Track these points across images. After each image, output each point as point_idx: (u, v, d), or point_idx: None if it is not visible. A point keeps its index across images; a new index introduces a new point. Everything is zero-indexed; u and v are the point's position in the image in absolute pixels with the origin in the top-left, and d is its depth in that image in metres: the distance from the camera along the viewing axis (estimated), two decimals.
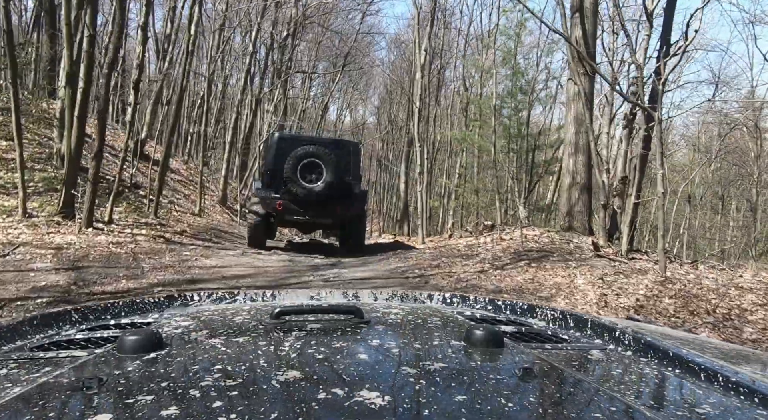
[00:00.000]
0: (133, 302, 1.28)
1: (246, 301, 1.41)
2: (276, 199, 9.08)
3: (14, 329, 0.99)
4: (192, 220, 12.07)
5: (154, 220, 10.27)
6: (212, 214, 16.94)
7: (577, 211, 10.65)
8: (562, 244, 9.67)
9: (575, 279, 7.55)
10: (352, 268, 8.51)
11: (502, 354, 0.85)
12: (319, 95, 39.20)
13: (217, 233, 11.03)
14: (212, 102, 29.08)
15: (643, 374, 0.85)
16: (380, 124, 47.20)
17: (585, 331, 1.11)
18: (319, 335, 0.93)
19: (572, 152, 10.71)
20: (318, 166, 8.91)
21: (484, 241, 10.62)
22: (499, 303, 1.41)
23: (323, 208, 9.19)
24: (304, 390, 0.66)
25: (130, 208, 10.91)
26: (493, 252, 9.43)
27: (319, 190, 8.97)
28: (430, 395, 0.66)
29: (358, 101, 49.41)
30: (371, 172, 53.87)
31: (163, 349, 0.82)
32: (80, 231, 8.13)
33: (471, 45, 19.11)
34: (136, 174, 16.00)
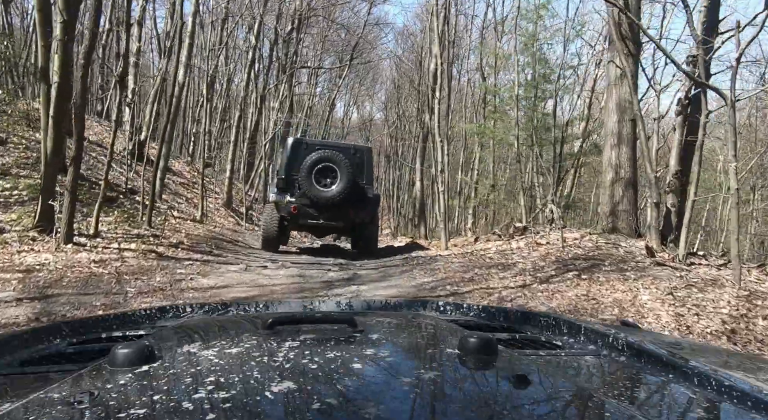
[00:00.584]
0: (125, 315, 1.28)
1: (238, 312, 1.43)
2: (291, 202, 9.09)
3: (3, 343, 0.97)
4: (191, 229, 10.90)
5: (147, 231, 9.10)
6: (216, 218, 15.78)
7: (621, 210, 9.37)
8: (609, 250, 8.41)
9: (639, 294, 6.30)
10: (372, 283, 7.32)
11: (496, 361, 0.84)
12: (325, 92, 38.11)
13: (219, 243, 9.84)
14: (217, 100, 27.96)
15: (637, 379, 0.85)
16: (388, 120, 46.23)
17: (578, 337, 1.11)
18: (313, 345, 0.90)
19: (615, 143, 9.42)
20: (332, 170, 8.92)
21: (517, 247, 9.38)
22: (492, 310, 1.41)
23: (337, 211, 9.17)
24: (298, 401, 0.65)
25: (121, 217, 9.76)
26: (531, 260, 8.19)
27: (333, 194, 8.96)
28: (424, 404, 0.65)
29: (365, 97, 48.38)
30: (380, 168, 52.77)
31: (155, 361, 0.80)
32: (58, 248, 6.98)
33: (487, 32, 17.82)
34: (135, 178, 14.89)
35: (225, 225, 15.13)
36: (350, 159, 9.20)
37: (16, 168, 10.87)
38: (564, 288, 6.67)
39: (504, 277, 7.33)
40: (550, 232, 9.91)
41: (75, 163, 7.28)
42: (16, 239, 7.01)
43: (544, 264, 7.85)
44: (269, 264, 8.26)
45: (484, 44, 16.41)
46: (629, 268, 7.28)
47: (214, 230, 11.65)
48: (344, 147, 10.09)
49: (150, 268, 6.93)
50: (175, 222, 11.02)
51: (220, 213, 16.93)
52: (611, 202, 9.46)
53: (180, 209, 13.89)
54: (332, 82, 36.29)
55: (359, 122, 49.27)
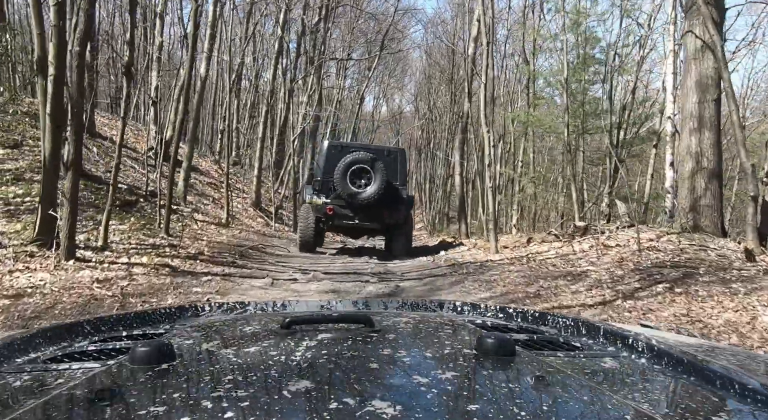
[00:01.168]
0: (145, 313, 1.29)
1: (256, 311, 1.42)
2: (326, 204, 9.18)
3: (28, 341, 0.98)
4: (215, 235, 9.90)
5: (164, 240, 8.13)
6: (244, 219, 14.83)
7: (704, 205, 7.97)
8: (697, 253, 7.04)
9: (758, 314, 4.98)
10: (419, 299, 6.14)
11: (514, 362, 0.82)
12: (354, 85, 37.02)
13: (244, 251, 8.81)
14: (246, 96, 27.11)
15: (657, 382, 0.83)
16: (418, 112, 45.05)
17: (598, 338, 1.08)
18: (330, 345, 0.90)
19: (695, 128, 8.01)
20: (367, 172, 9.00)
21: (581, 250, 8.07)
22: (510, 310, 1.38)
23: (372, 212, 9.23)
24: (315, 400, 0.65)
25: (138, 223, 8.81)
26: (605, 268, 6.89)
27: (368, 195, 9.00)
28: (441, 404, 0.64)
29: (394, 90, 47.14)
30: (411, 161, 51.58)
31: (174, 360, 0.79)
32: (57, 266, 6.03)
33: (530, 11, 16.35)
34: (159, 180, 14.03)
35: (253, 227, 14.16)
36: (384, 160, 9.24)
37: (30, 172, 10.06)
38: (656, 305, 5.39)
39: (577, 291, 6.07)
40: (618, 232, 8.56)
41: (74, 166, 6.32)
42: (11, 256, 6.08)
43: (622, 273, 6.55)
44: (299, 276, 7.17)
45: (526, 25, 14.98)
46: (733, 278, 5.93)
47: (239, 235, 10.65)
48: (378, 149, 10.15)
49: (161, 287, 5.91)
50: (197, 228, 10.05)
51: (248, 214, 15.99)
52: (691, 197, 8.07)
53: (205, 212, 12.96)
54: (361, 74, 35.14)
55: (389, 115, 48.17)
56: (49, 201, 6.47)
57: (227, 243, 9.13)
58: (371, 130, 43.56)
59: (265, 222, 15.90)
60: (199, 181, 16.50)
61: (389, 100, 48.59)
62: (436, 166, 37.35)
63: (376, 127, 44.74)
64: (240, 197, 17.35)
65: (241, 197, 17.41)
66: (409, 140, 50.63)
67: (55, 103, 6.31)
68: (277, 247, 10.65)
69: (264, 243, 10.62)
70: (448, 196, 27.14)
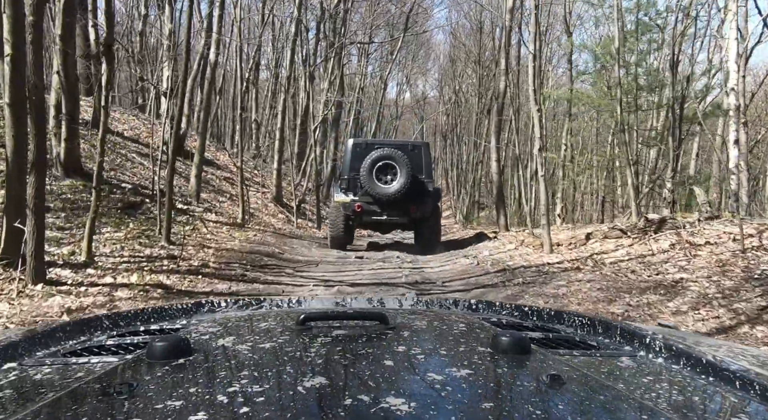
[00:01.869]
0: (162, 309, 1.29)
1: (272, 308, 1.41)
2: (354, 201, 9.23)
3: (48, 335, 0.99)
4: (226, 239, 8.64)
5: (164, 250, 6.89)
6: (263, 217, 13.59)
7: None
8: None
9: None
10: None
11: (529, 361, 0.81)
12: (377, 71, 35.51)
13: (258, 259, 7.52)
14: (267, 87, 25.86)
15: (675, 382, 0.80)
16: (443, 97, 43.59)
17: (614, 337, 1.06)
18: (345, 341, 0.90)
19: None
20: (392, 167, 9.00)
21: (660, 250, 6.55)
22: (525, 309, 1.35)
23: (399, 207, 9.21)
24: (330, 396, 0.64)
25: (137, 230, 7.60)
26: (704, 275, 5.37)
27: (395, 191, 9.00)
28: (456, 402, 0.63)
29: (417, 75, 45.52)
30: (436, 148, 49.92)
31: (191, 355, 0.80)
32: (22, 291, 4.81)
33: None
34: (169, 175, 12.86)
35: (273, 225, 12.90)
36: (409, 155, 9.22)
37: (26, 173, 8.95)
38: None
39: (679, 311, 4.60)
40: (701, 226, 7.00)
41: (37, 169, 5.07)
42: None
43: (733, 283, 5.04)
44: (321, 290, 5.85)
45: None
46: None
47: (254, 238, 9.37)
48: (402, 144, 10.17)
49: None
50: (206, 231, 8.79)
51: (268, 210, 14.75)
52: None
53: (220, 210, 11.73)
54: (383, 59, 33.58)
55: (412, 102, 46.70)
56: (15, 210, 5.25)
57: (239, 249, 7.85)
58: (395, 116, 42.08)
59: (286, 218, 14.64)
60: (216, 177, 15.32)
61: (412, 86, 47.14)
62: (462, 152, 35.70)
63: (400, 113, 43.24)
64: (260, 192, 16.13)
65: (261, 192, 16.19)
66: (434, 126, 49.04)
67: (15, 89, 5.06)
68: (297, 250, 9.35)
69: (282, 246, 9.32)
70: (478, 184, 25.52)
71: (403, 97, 46.51)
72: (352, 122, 27.52)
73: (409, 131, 51.51)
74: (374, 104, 32.98)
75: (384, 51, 33.11)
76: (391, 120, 41.31)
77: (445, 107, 40.87)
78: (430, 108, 48.23)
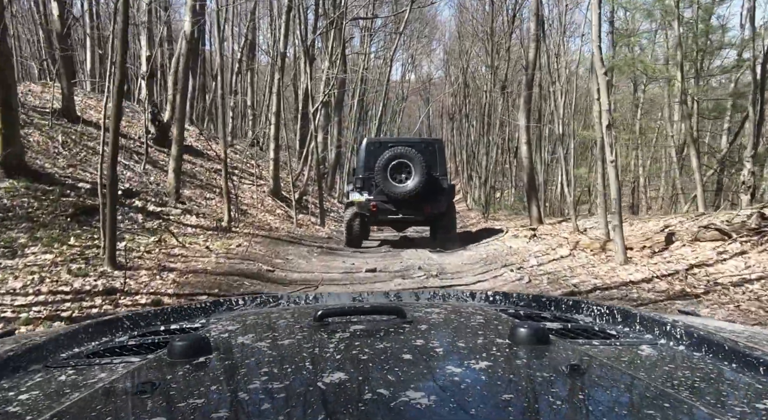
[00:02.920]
0: (181, 308, 1.28)
1: (289, 304, 1.41)
2: (370, 200, 9.11)
3: (71, 337, 0.99)
4: (200, 254, 6.65)
5: (103, 279, 4.92)
6: (258, 214, 11.63)
7: None
8: None
9: None
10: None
11: (549, 351, 0.79)
12: (380, 52, 33.26)
13: (238, 283, 5.54)
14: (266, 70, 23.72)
15: (697, 369, 0.77)
16: (449, 77, 41.57)
17: (634, 326, 1.04)
18: (363, 336, 0.88)
19: None
20: (407, 166, 8.92)
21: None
22: (543, 299, 1.33)
23: (414, 205, 9.07)
24: (350, 391, 0.64)
25: (77, 247, 5.65)
26: None
27: (409, 189, 8.88)
28: (476, 394, 0.62)
29: (423, 56, 43.21)
30: (443, 130, 47.73)
31: (211, 353, 0.80)
32: None
33: None
34: (149, 171, 10.93)
35: (269, 224, 10.94)
36: (422, 153, 9.10)
37: None
38: None
39: None
40: None
41: None
42: None
43: None
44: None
45: None
46: None
47: (238, 248, 7.37)
48: (415, 142, 9.86)
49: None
50: (176, 243, 6.81)
51: (265, 205, 12.79)
52: None
53: (204, 211, 9.78)
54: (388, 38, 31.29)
55: (418, 83, 44.61)
56: None
57: (213, 270, 5.86)
58: (401, 98, 39.93)
59: (285, 213, 12.68)
60: (206, 169, 13.34)
61: (417, 67, 44.91)
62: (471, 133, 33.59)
63: (406, 95, 41.08)
64: (256, 185, 14.16)
65: (257, 185, 14.22)
66: (440, 108, 46.86)
67: None
68: (293, 262, 7.36)
69: (274, 259, 7.34)
70: (494, 167, 23.42)
71: (409, 78, 44.32)
72: (356, 105, 25.47)
73: (415, 114, 49.47)
74: (378, 87, 30.82)
75: (388, 30, 30.89)
76: (397, 102, 39.13)
77: (452, 87, 38.89)
78: (435, 90, 46.32)
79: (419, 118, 44.81)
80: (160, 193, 9.42)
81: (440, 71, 44.28)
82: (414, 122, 46.97)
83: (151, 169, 11.01)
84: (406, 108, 44.70)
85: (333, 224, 14.64)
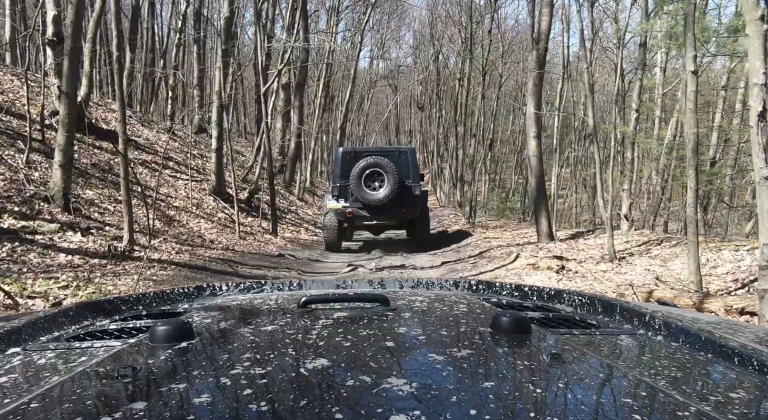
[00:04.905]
0: (164, 293, 1.25)
1: (273, 291, 1.37)
2: (346, 208, 9.26)
3: (51, 320, 0.96)
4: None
5: None
6: (190, 222, 8.79)
7: None
8: None
9: None
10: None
11: (530, 340, 0.79)
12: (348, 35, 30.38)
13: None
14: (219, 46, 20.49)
15: (674, 359, 0.77)
16: (418, 65, 39.44)
17: (614, 316, 1.03)
18: (346, 323, 0.87)
19: None
20: (380, 174, 9.07)
21: None
22: (525, 289, 1.32)
23: (389, 211, 9.22)
24: (332, 377, 0.63)
25: None
26: None
27: (382, 197, 9.02)
28: (457, 381, 0.62)
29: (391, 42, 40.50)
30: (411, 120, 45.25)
31: (193, 338, 0.78)
32: None
33: None
34: (38, 165, 7.94)
35: (203, 235, 8.13)
36: (395, 161, 9.28)
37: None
38: None
39: None
40: None
41: None
42: None
43: None
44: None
45: None
46: None
47: (147, 275, 4.60)
48: (389, 151, 10.20)
49: None
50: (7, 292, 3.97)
51: (203, 208, 9.94)
52: None
53: (106, 224, 6.90)
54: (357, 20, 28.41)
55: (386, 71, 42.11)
56: None
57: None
58: (369, 86, 37.21)
59: (228, 218, 9.87)
60: (130, 162, 10.32)
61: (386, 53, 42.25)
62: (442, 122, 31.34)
63: (373, 82, 38.42)
64: (195, 181, 11.25)
65: (197, 181, 11.31)
66: (409, 97, 44.28)
67: None
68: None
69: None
70: (472, 160, 21.00)
71: (378, 66, 41.70)
72: (321, 91, 22.54)
73: (383, 103, 46.81)
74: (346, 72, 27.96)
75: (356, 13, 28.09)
76: (365, 90, 36.41)
77: (422, 76, 36.55)
78: (405, 79, 43.92)
79: (387, 107, 42.17)
80: (36, 197, 6.49)
81: (409, 58, 41.81)
82: (382, 111, 44.39)
83: (41, 162, 8.01)
84: (374, 96, 42.12)
85: (291, 230, 11.87)
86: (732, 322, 1.09)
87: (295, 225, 12.88)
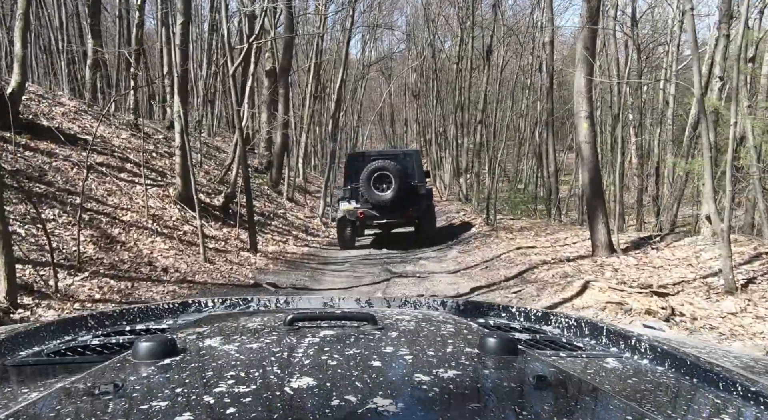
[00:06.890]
0: (148, 308, 1.20)
1: (259, 308, 1.34)
2: (357, 209, 9.73)
3: (32, 335, 0.92)
4: None
5: None
6: (139, 242, 6.65)
7: None
8: None
9: None
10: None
11: (516, 362, 0.77)
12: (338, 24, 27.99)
13: None
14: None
15: (660, 383, 0.77)
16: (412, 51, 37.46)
17: (600, 338, 1.02)
18: (333, 342, 0.84)
19: None
20: (387, 177, 9.45)
21: None
22: (513, 310, 1.29)
23: (396, 211, 9.66)
24: (318, 397, 0.61)
25: None
26: None
27: (390, 198, 9.44)
28: (443, 403, 0.61)
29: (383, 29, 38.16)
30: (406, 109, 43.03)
31: (177, 355, 0.75)
32: None
33: None
34: None
35: (153, 261, 6.01)
36: (401, 163, 9.85)
37: None
38: None
39: None
40: None
41: None
42: None
43: None
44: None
45: None
46: None
47: None
48: (395, 154, 10.82)
49: None
50: None
51: (162, 220, 7.80)
52: None
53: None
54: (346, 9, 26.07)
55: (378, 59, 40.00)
56: None
57: None
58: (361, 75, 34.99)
59: (193, 233, 7.74)
60: (72, 165, 8.15)
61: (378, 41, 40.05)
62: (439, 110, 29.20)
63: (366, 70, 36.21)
64: (157, 186, 9.10)
65: (160, 186, 9.15)
66: (403, 85, 42.03)
67: None
68: None
69: None
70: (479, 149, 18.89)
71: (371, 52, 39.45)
72: (311, 80, 20.30)
73: (377, 92, 44.55)
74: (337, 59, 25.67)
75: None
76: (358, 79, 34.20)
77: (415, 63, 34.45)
78: (398, 66, 41.83)
79: (382, 97, 39.91)
80: None
81: (402, 44, 39.58)
82: (376, 101, 42.11)
83: None
84: (367, 86, 39.93)
85: (276, 241, 9.76)
86: (717, 348, 1.06)
87: (282, 233, 10.77)
